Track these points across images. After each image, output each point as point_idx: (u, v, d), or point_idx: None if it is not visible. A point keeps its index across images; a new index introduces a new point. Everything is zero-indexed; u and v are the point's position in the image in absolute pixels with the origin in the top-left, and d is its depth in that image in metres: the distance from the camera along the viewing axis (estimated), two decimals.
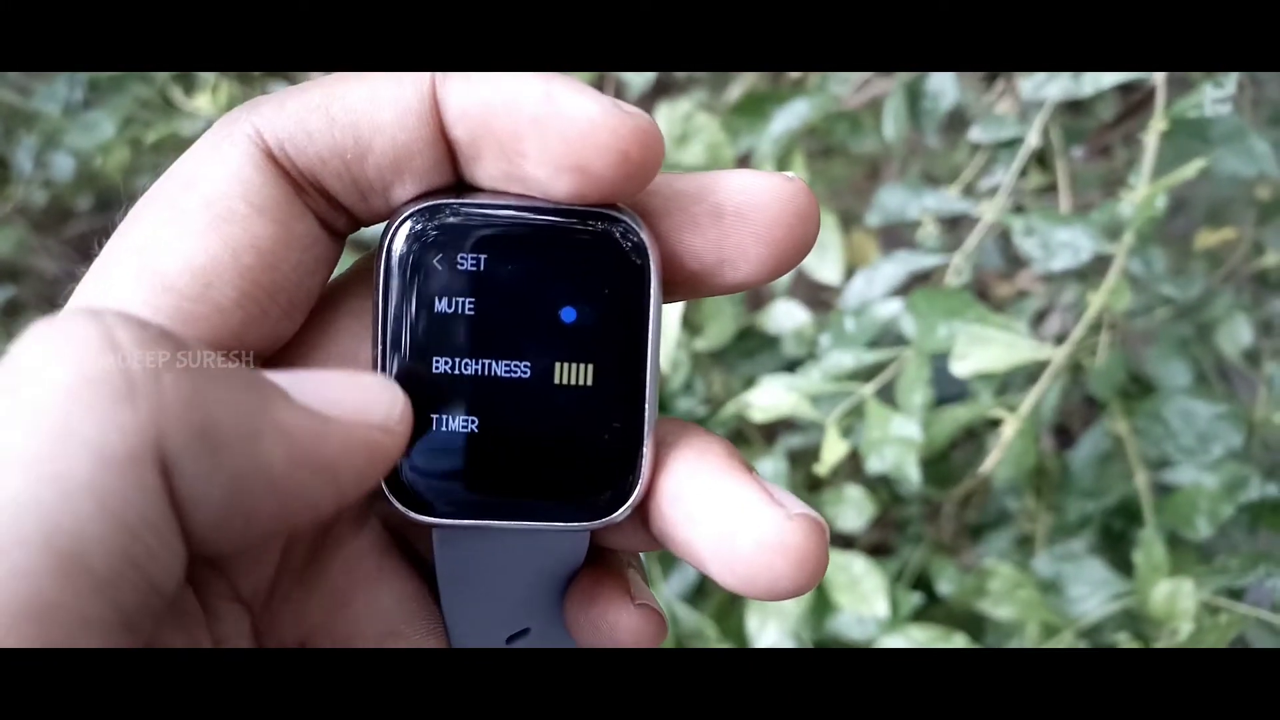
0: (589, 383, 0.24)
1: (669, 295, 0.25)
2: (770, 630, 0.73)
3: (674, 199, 0.24)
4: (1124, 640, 0.68)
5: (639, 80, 0.81)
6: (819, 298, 0.94)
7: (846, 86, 0.78)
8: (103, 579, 0.16)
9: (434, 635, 0.26)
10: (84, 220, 1.10)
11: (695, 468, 0.23)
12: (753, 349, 0.81)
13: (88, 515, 0.16)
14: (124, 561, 0.16)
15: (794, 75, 0.86)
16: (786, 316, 0.80)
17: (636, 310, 0.24)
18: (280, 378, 0.20)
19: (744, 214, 0.23)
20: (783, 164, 0.78)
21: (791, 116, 0.75)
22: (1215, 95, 0.58)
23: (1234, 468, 0.71)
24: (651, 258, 0.23)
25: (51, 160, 0.92)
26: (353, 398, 0.21)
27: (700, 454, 0.24)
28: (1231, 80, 0.58)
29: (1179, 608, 0.65)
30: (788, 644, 0.74)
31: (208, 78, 0.88)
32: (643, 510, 0.24)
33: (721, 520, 0.22)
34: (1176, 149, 0.63)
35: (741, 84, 0.88)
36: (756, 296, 0.88)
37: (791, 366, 0.78)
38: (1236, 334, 0.79)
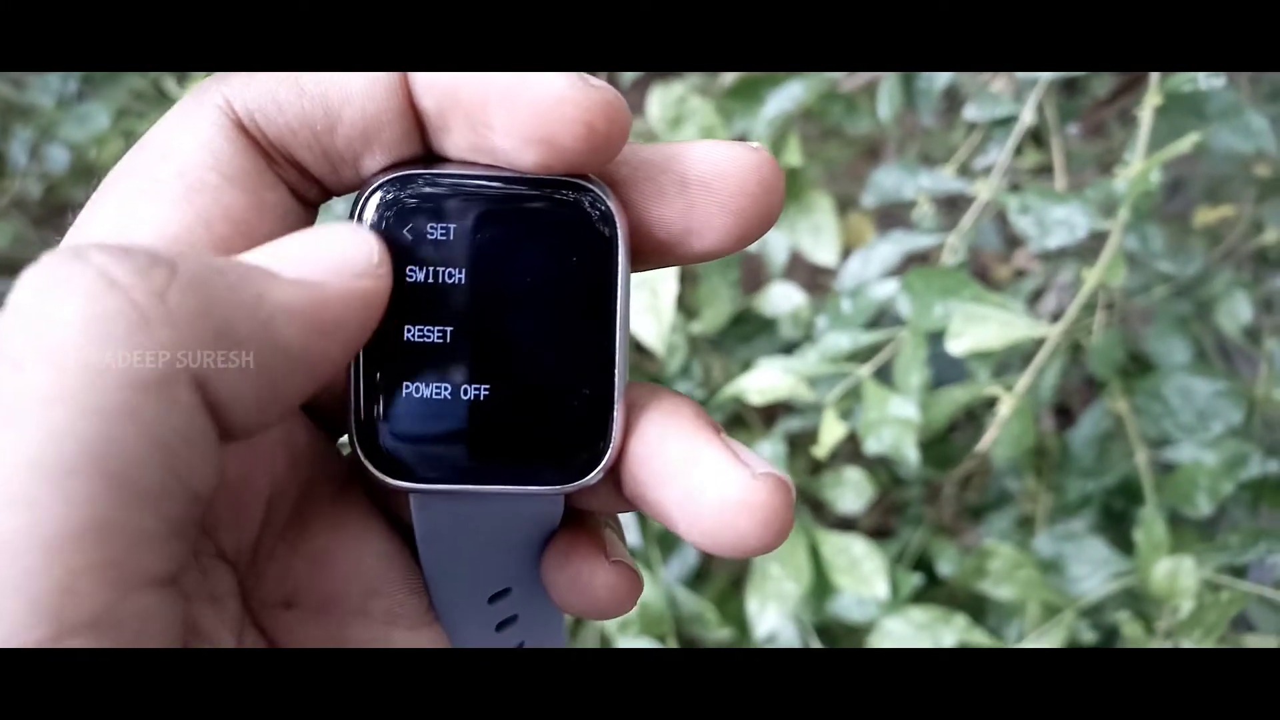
0: (560, 349, 0.24)
1: (637, 264, 0.25)
2: (770, 613, 0.73)
3: (640, 169, 0.24)
4: (1125, 619, 0.68)
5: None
6: (815, 280, 0.94)
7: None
8: (152, 494, 0.17)
9: (416, 594, 0.26)
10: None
11: (665, 430, 0.24)
12: (749, 332, 0.81)
13: (130, 439, 0.17)
14: (169, 475, 0.18)
15: None
16: (783, 299, 0.80)
17: (605, 278, 0.24)
18: (261, 258, 0.21)
19: (708, 183, 0.24)
20: (778, 146, 0.77)
21: (786, 99, 0.75)
22: None
23: (1234, 445, 0.71)
24: (619, 226, 0.24)
25: (46, 153, 0.92)
26: (332, 255, 0.21)
27: (669, 416, 0.24)
28: None
29: (1180, 586, 0.65)
30: (788, 626, 0.74)
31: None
32: (615, 472, 0.25)
33: (688, 480, 0.23)
34: (1172, 125, 0.63)
35: None
36: (753, 279, 0.88)
37: (789, 349, 0.78)
38: (1236, 311, 0.79)
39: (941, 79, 0.74)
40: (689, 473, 0.23)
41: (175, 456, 0.18)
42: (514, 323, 0.24)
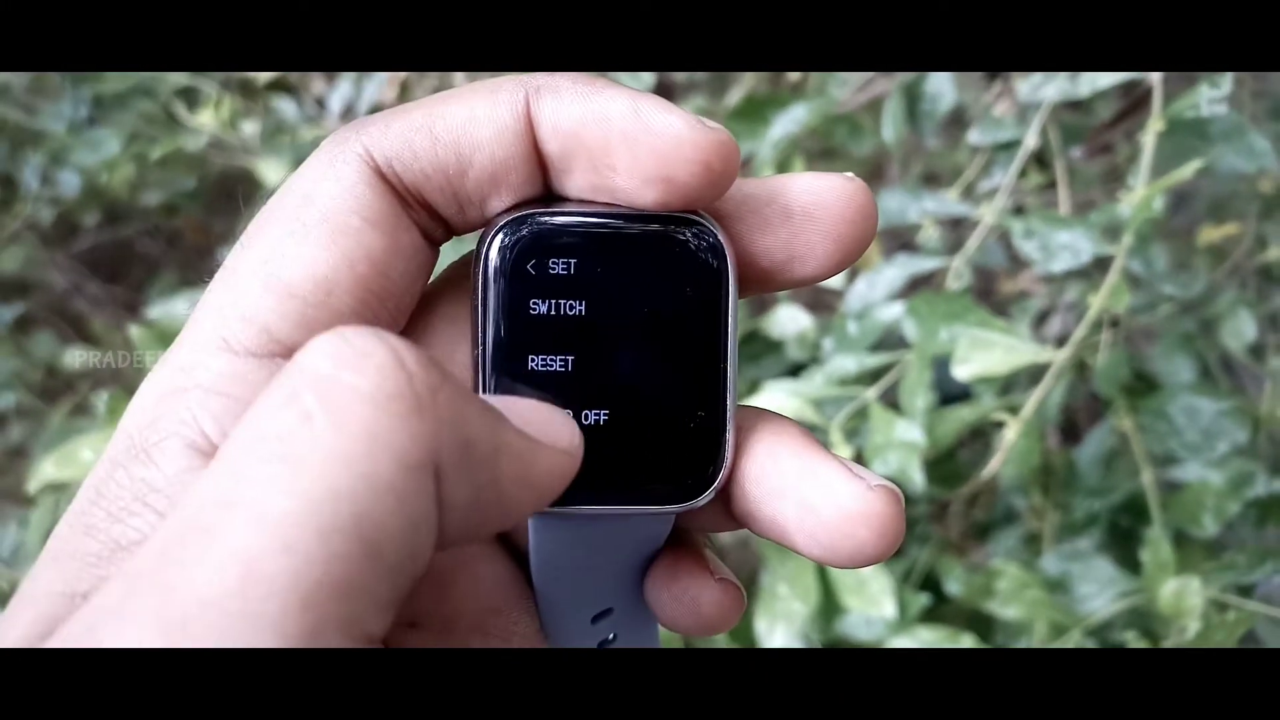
0: (674, 375, 0.25)
1: (743, 292, 0.26)
2: (779, 632, 0.74)
3: (746, 202, 0.26)
4: (1132, 639, 0.68)
5: (638, 84, 0.81)
6: (822, 301, 0.94)
7: (845, 89, 0.78)
8: (392, 567, 0.18)
9: (529, 614, 0.28)
10: (91, 235, 1.10)
11: (775, 448, 0.25)
12: (757, 353, 0.82)
13: (389, 511, 0.18)
14: (407, 552, 0.19)
15: (793, 78, 0.86)
16: (790, 321, 0.80)
17: (715, 307, 0.25)
18: (495, 403, 0.22)
19: (811, 213, 0.25)
20: (782, 168, 0.78)
21: (790, 121, 0.76)
22: (1211, 95, 0.58)
23: (1240, 464, 0.71)
24: (728, 257, 0.25)
25: (58, 177, 0.92)
26: (548, 425, 0.23)
27: (778, 435, 0.25)
28: (1227, 80, 0.58)
29: (1187, 605, 0.65)
30: (796, 646, 0.74)
31: (210, 93, 0.89)
32: (725, 492, 0.26)
33: (804, 494, 0.24)
34: (1176, 146, 0.64)
35: (740, 88, 0.88)
36: (760, 301, 0.88)
37: (795, 371, 0.79)
38: (1241, 329, 0.79)
39: (945, 101, 0.75)
40: (804, 487, 0.24)
41: (415, 539, 0.19)
42: (631, 351, 0.25)
